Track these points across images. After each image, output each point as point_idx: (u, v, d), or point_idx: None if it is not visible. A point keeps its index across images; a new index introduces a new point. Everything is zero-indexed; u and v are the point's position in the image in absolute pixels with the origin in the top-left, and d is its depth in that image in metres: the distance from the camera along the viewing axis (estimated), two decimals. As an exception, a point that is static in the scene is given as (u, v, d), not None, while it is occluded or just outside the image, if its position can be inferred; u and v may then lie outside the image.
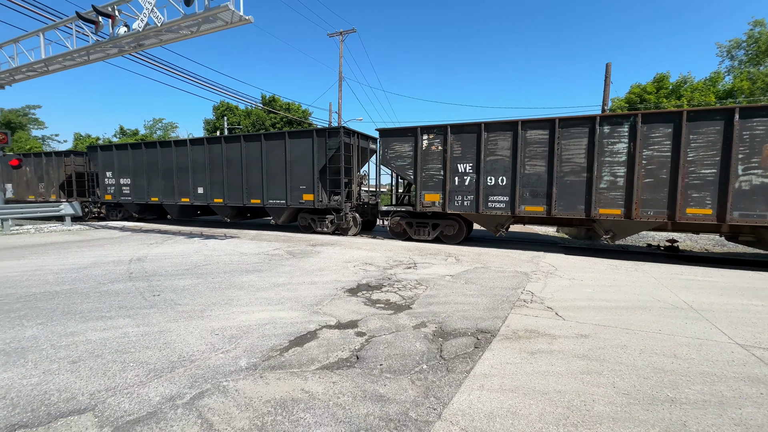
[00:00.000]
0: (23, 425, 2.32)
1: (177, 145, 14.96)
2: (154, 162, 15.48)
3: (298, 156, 12.54)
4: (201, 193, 14.49)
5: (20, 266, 7.10)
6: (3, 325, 3.98)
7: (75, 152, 19.12)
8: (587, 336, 3.90)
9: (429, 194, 10.71)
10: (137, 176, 16.03)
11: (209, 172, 14.16)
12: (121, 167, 16.43)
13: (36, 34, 11.78)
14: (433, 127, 10.58)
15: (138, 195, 16.09)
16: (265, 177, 13.03)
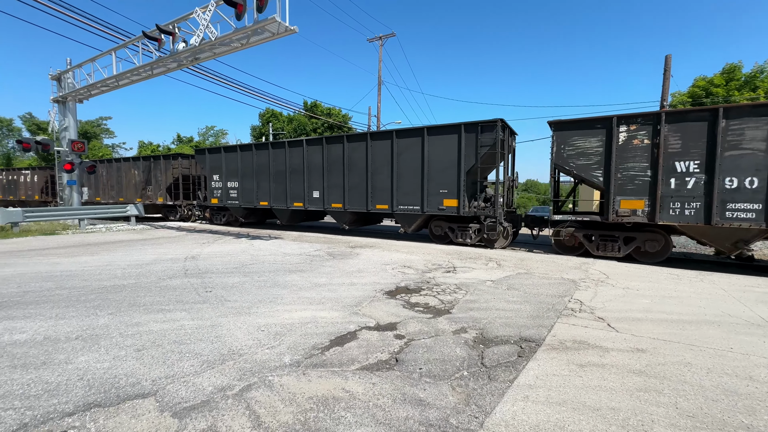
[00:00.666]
0: (97, 404, 2.58)
1: (291, 146, 13.84)
2: (264, 164, 14.55)
3: (439, 155, 10.73)
4: (317, 198, 13.25)
5: (94, 261, 7.92)
6: (81, 314, 4.46)
7: (182, 155, 18.99)
8: (644, 350, 3.60)
9: (627, 200, 8.60)
10: (246, 179, 15.18)
11: (327, 175, 12.94)
12: (229, 170, 15.70)
13: (109, 53, 13.15)
14: (637, 115, 8.50)
15: (246, 198, 15.23)
16: (395, 180, 11.46)
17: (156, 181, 18.97)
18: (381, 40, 26.16)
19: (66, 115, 15.37)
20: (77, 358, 3.29)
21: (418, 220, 11.48)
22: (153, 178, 19.01)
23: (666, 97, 17.86)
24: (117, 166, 20.83)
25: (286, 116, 41.61)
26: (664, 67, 17.46)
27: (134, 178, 19.89)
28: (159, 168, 18.89)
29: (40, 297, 5.15)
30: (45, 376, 2.96)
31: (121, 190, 20.48)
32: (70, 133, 15.44)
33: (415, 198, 11.25)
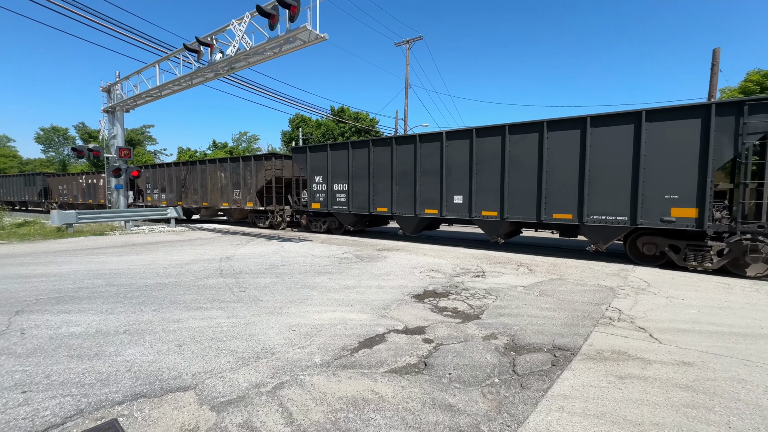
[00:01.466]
0: (143, 395, 2.75)
1: (423, 141, 11.34)
2: (384, 164, 12.25)
3: (664, 149, 7.97)
4: (458, 203, 10.67)
5: (138, 260, 8.44)
6: (128, 309, 4.77)
7: (276, 155, 16.63)
8: (691, 364, 3.38)
9: None
10: (358, 181, 12.94)
11: (476, 176, 10.32)
12: (336, 170, 13.53)
13: (153, 66, 14.02)
14: None
15: (358, 204, 12.99)
16: (587, 180, 8.70)
17: (245, 184, 16.91)
18: (408, 44, 26.25)
19: (114, 124, 16.52)
20: (125, 350, 3.52)
21: (619, 233, 8.64)
22: (242, 181, 16.97)
23: (714, 93, 16.71)
24: (201, 168, 19.00)
25: (315, 121, 42.58)
26: (711, 62, 16.35)
27: (220, 180, 18.00)
28: (249, 169, 16.81)
29: (92, 293, 5.56)
30: (97, 366, 3.19)
31: (206, 194, 18.71)
32: (118, 140, 16.58)
33: (620, 205, 8.41)
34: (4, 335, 3.87)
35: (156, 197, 21.61)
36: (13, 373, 3.06)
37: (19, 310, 4.69)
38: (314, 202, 14.41)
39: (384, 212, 12.50)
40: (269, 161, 16.18)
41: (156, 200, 21.62)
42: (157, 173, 21.62)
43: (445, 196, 11.01)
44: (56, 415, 2.49)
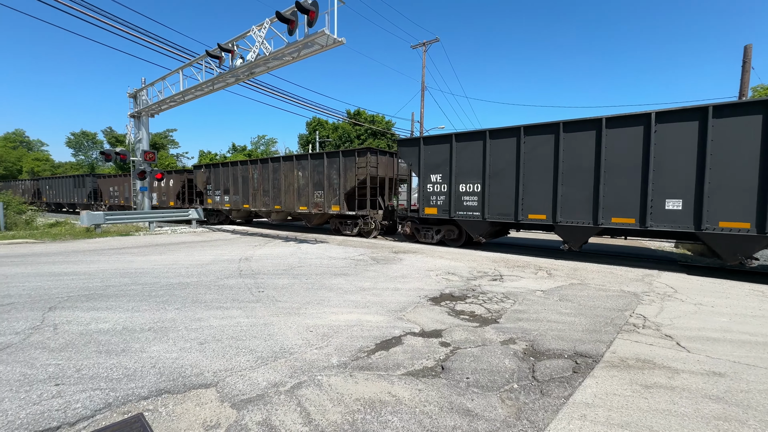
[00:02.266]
0: (167, 391, 2.84)
1: (612, 126, 8.63)
2: (542, 157, 9.50)
3: None
4: (674, 210, 7.98)
5: (162, 260, 8.72)
6: (152, 308, 4.93)
7: (371, 149, 13.89)
8: (723, 374, 3.23)
9: None
10: (497, 180, 10.27)
11: (708, 173, 7.61)
12: (464, 167, 10.90)
13: (177, 72, 14.50)
14: None
15: (497, 209, 10.25)
16: None
17: (329, 184, 14.63)
18: (425, 46, 26.22)
19: (140, 129, 17.15)
20: (150, 347, 3.63)
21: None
22: (326, 181, 14.65)
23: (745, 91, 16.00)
24: (273, 167, 16.66)
25: (332, 124, 43.01)
26: (743, 58, 15.67)
27: (297, 180, 15.76)
28: (334, 167, 14.35)
29: (118, 291, 5.77)
30: (124, 362, 3.31)
31: (278, 196, 16.50)
32: (143, 144, 17.20)
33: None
34: (39, 330, 4.06)
35: (218, 199, 19.66)
36: (47, 366, 3.21)
37: (52, 307, 4.91)
38: (429, 207, 11.67)
39: (540, 220, 9.68)
40: (363, 157, 13.59)
41: (218, 203, 19.72)
42: (220, 173, 19.44)
43: (653, 200, 8.21)
44: (86, 407, 2.59)
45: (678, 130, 7.97)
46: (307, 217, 16.25)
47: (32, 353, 3.47)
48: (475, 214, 10.83)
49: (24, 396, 2.72)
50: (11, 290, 5.74)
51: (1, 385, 2.88)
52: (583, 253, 11.08)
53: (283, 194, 16.36)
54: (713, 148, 7.60)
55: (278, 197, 16.61)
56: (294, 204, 15.99)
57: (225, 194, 19.18)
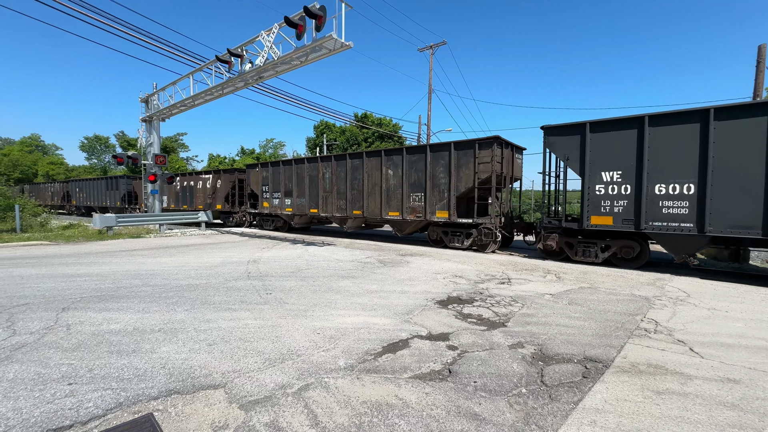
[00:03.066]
0: (177, 391, 2.87)
1: None
2: None
3: None
4: None
5: (172, 262, 8.83)
6: (162, 309, 5.00)
7: (498, 140, 10.83)
8: (738, 381, 3.16)
9: None
10: (727, 178, 7.40)
11: None
12: (661, 161, 8.04)
13: (187, 77, 14.73)
14: None
15: (729, 219, 7.39)
16: None
17: (434, 184, 11.81)
18: (432, 49, 26.26)
19: (151, 133, 17.44)
20: (160, 348, 3.68)
21: None
22: (428, 181, 11.88)
23: (760, 92, 15.68)
24: (352, 165, 13.91)
25: (339, 127, 43.23)
26: (757, 59, 15.38)
27: (385, 180, 13.03)
28: (441, 163, 11.63)
29: (129, 292, 5.87)
30: (135, 362, 3.36)
31: (358, 199, 13.76)
32: (154, 148, 17.48)
33: None
34: (53, 330, 4.15)
35: (276, 202, 17.24)
36: (61, 365, 3.27)
37: (66, 307, 5.01)
38: (598, 215, 8.89)
39: None
40: (487, 150, 10.79)
41: (276, 206, 17.19)
42: (280, 172, 16.95)
43: None
44: (98, 407, 2.64)
45: None
46: (398, 225, 13.21)
47: (46, 353, 3.54)
48: (685, 225, 7.84)
49: (38, 395, 2.78)
50: (26, 291, 5.87)
51: (17, 383, 2.94)
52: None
53: (366, 197, 13.58)
54: None
55: (358, 200, 13.86)
56: (380, 209, 13.20)
57: (286, 197, 16.72)
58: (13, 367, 3.24)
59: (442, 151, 11.81)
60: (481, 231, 11.24)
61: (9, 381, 2.98)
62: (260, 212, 18.41)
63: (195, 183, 21.97)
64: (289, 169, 16.73)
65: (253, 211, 19.21)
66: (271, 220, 18.54)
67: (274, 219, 18.40)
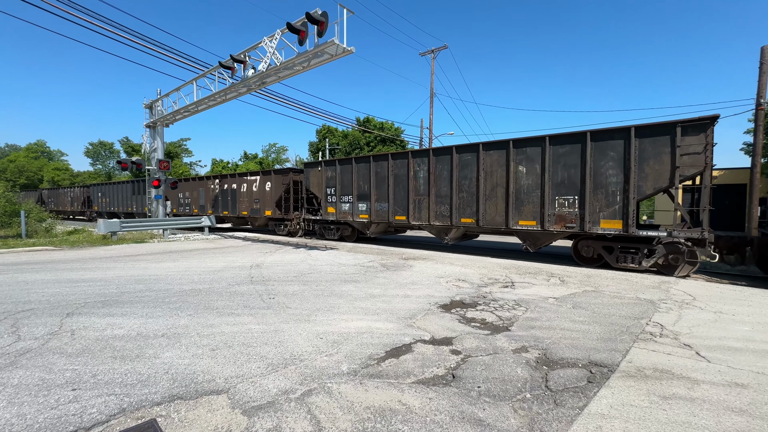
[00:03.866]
0: (180, 397, 2.87)
1: None
2: None
3: None
4: None
5: (175, 267, 8.86)
6: (165, 314, 5.01)
7: (685, 124, 8.10)
8: (745, 386, 3.12)
9: None
10: None
11: None
12: None
13: (191, 83, 14.87)
14: None
15: None
16: None
17: (596, 184, 9.11)
18: (433, 53, 26.38)
19: (155, 138, 17.59)
20: (163, 353, 3.69)
21: None
22: (587, 179, 9.11)
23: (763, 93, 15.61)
24: (461, 160, 11.29)
25: (342, 132, 43.40)
26: (760, 60, 15.32)
27: (514, 180, 10.31)
28: (611, 156, 8.85)
29: (133, 297, 5.89)
30: (138, 368, 3.36)
31: (470, 204, 11.18)
32: (158, 153, 17.61)
33: None
34: (57, 336, 4.16)
35: (345, 208, 14.48)
36: (65, 371, 3.28)
37: (70, 313, 5.03)
38: None
39: None
40: (696, 135, 7.99)
41: (345, 212, 14.51)
42: (351, 172, 14.25)
43: None
44: (102, 412, 2.64)
45: None
46: (532, 237, 10.44)
47: (50, 358, 3.55)
48: None
49: (42, 400, 2.79)
50: (31, 296, 5.91)
51: (21, 389, 2.95)
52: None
53: (482, 201, 10.86)
54: None
55: (469, 206, 11.18)
56: (505, 215, 10.49)
57: (360, 201, 14.10)
58: (18, 372, 3.25)
59: (614, 140, 8.89)
60: (676, 248, 8.56)
61: (13, 386, 3.00)
62: (323, 219, 15.58)
63: (239, 186, 19.01)
64: (365, 167, 13.73)
65: (313, 218, 16.44)
66: (335, 228, 15.77)
67: (340, 227, 15.63)
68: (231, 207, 19.88)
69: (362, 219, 14.11)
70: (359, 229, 14.86)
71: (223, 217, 20.50)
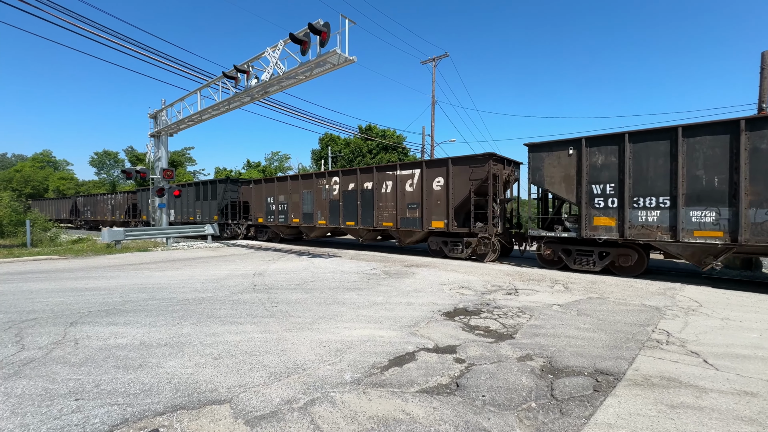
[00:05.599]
0: (182, 407, 2.86)
1: None
2: None
3: None
4: None
5: (179, 275, 8.88)
6: (168, 323, 5.01)
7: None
8: (755, 394, 3.07)
9: None
10: None
11: None
12: None
13: (195, 93, 15.05)
14: None
15: None
16: None
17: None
18: (434, 62, 26.62)
19: (159, 147, 17.76)
20: (166, 362, 3.68)
21: None
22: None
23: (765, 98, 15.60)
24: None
25: (344, 140, 43.65)
26: (761, 65, 15.35)
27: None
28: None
29: (136, 306, 5.89)
30: (141, 377, 3.35)
31: None
32: (162, 162, 17.76)
33: None
34: (60, 345, 4.17)
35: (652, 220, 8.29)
36: (68, 381, 3.28)
37: (74, 322, 5.04)
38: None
39: None
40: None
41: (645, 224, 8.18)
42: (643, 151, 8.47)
43: None
44: (104, 423, 2.63)
45: None
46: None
47: (54, 368, 3.55)
48: None
49: (45, 411, 2.78)
50: (35, 306, 5.93)
51: (24, 399, 2.95)
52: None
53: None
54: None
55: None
56: None
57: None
58: (21, 382, 3.25)
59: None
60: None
61: (17, 397, 2.99)
62: (582, 233, 9.22)
63: (379, 184, 13.58)
64: None
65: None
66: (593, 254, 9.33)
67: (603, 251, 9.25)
68: (362, 215, 14.11)
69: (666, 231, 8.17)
70: None
71: (345, 229, 15.11)
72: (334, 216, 15.22)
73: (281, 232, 18.33)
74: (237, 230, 20.34)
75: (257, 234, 19.84)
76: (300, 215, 16.57)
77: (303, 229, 17.05)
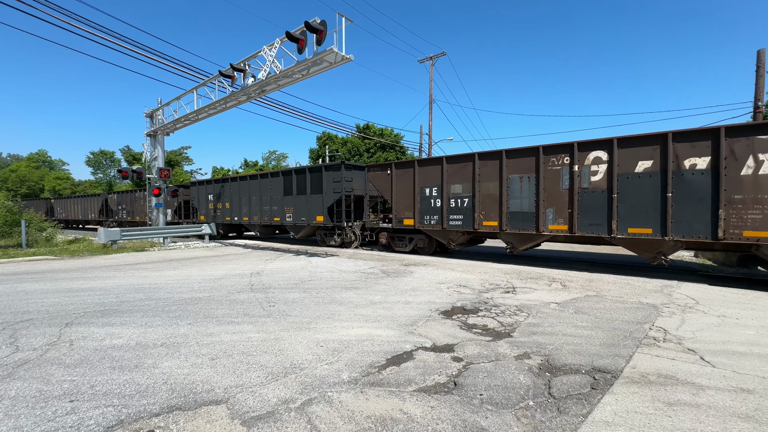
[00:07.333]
0: (178, 408, 2.83)
1: None
2: None
3: None
4: None
5: (175, 275, 8.83)
6: (165, 323, 4.97)
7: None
8: (751, 391, 3.07)
9: None
10: None
11: None
12: None
13: (191, 92, 14.97)
14: None
15: None
16: None
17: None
18: (432, 60, 26.58)
19: (156, 147, 17.66)
20: (162, 363, 3.65)
21: None
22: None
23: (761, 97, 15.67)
24: None
25: (341, 139, 43.58)
26: (756, 64, 15.41)
27: None
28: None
29: (133, 306, 5.86)
30: (137, 378, 3.33)
31: None
32: (159, 162, 17.67)
33: None
34: (55, 346, 4.13)
35: None
36: (63, 382, 3.25)
37: (69, 322, 5.00)
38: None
39: None
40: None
41: None
42: None
43: None
44: (99, 424, 2.60)
45: None
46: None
47: (48, 369, 3.52)
48: None
49: (39, 412, 2.75)
50: (30, 306, 5.88)
51: (18, 401, 2.92)
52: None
53: None
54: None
55: None
56: None
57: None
58: (15, 384, 3.22)
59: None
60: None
61: (11, 398, 2.96)
62: None
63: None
64: None
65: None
66: None
67: None
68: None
69: None
70: None
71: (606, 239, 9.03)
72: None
73: (453, 240, 11.66)
74: (351, 235, 14.86)
75: (391, 242, 13.74)
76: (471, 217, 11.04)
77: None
